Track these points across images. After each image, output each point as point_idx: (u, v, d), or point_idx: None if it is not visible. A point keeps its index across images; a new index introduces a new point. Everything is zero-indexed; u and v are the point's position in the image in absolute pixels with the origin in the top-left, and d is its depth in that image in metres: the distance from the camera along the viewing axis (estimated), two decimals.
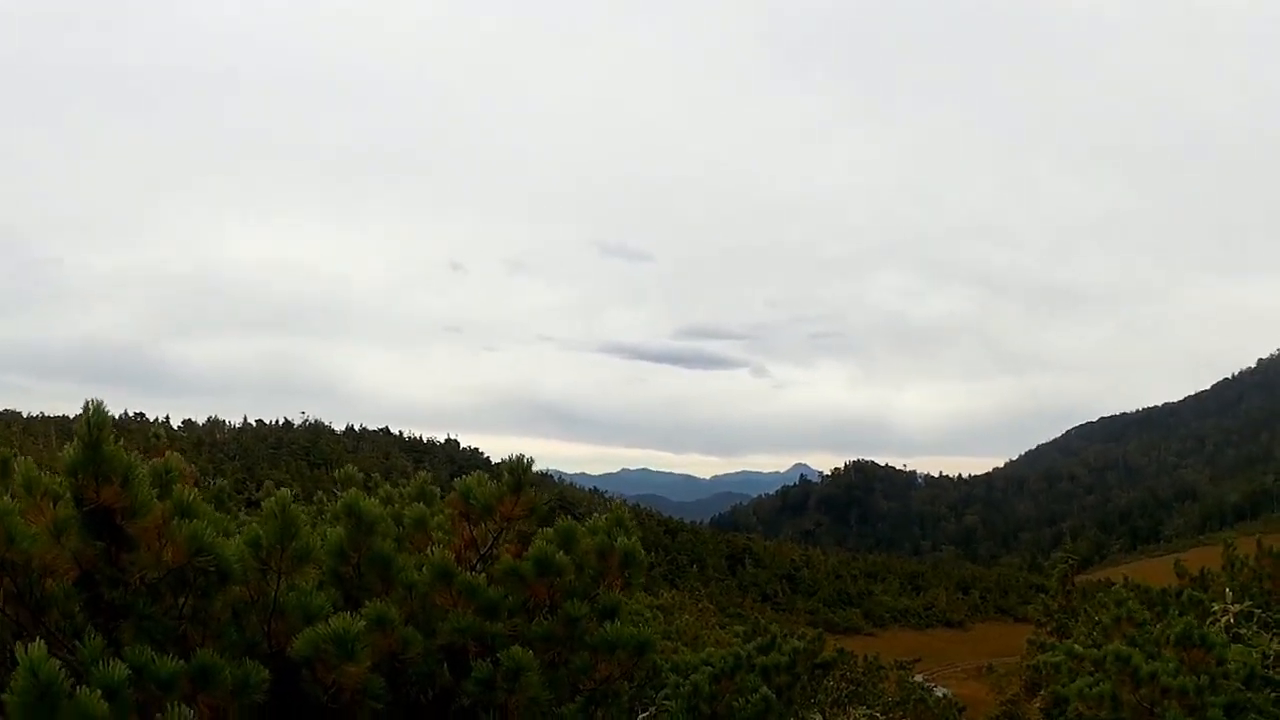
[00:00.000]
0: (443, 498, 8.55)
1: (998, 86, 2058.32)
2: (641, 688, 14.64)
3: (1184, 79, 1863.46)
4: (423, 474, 8.66)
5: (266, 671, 5.87)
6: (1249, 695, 9.76)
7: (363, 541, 7.31)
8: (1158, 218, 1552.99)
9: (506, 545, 7.63)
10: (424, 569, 7.12)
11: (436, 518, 8.11)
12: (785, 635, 16.96)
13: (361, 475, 10.75)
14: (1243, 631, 13.69)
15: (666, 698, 10.05)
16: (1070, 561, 37.16)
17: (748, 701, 8.64)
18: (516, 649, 6.62)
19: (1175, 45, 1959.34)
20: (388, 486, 10.34)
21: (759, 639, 14.79)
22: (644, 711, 10.73)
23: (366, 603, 6.65)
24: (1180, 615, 14.97)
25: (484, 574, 7.29)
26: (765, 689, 9.08)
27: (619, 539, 7.61)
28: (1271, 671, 10.58)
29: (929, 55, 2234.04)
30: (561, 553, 7.27)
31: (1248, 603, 15.10)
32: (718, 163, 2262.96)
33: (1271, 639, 12.55)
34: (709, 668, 9.62)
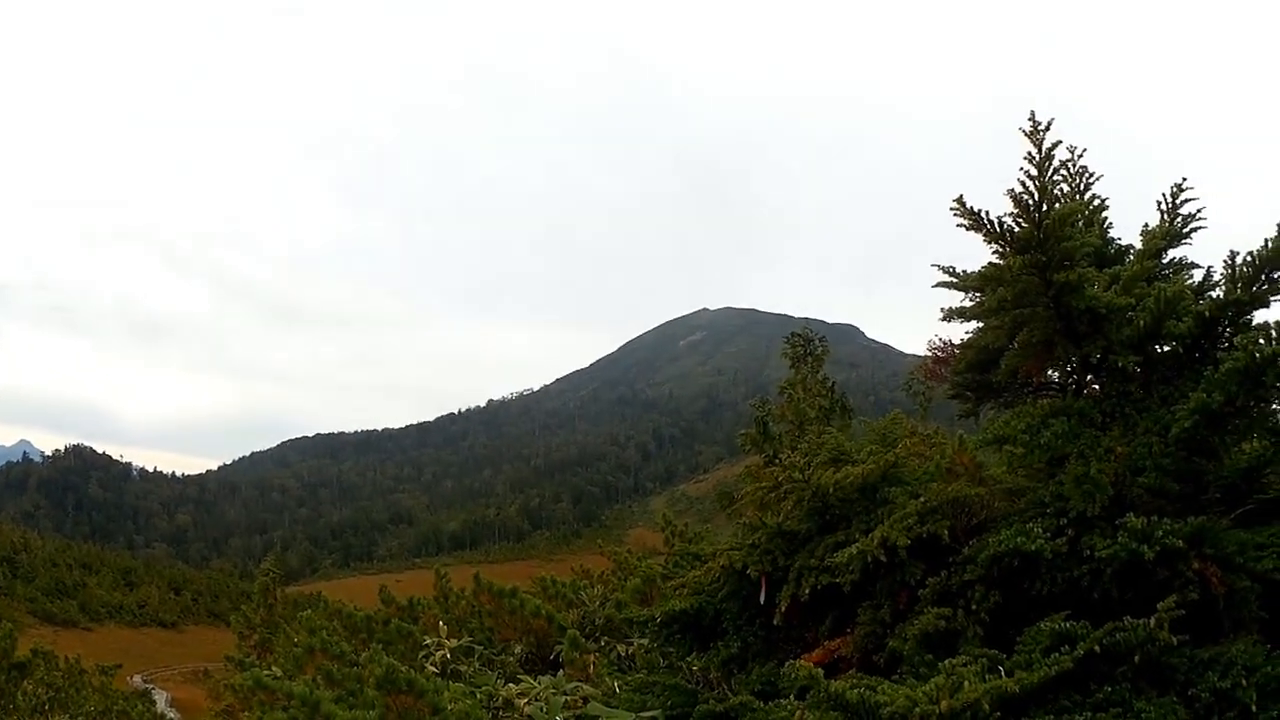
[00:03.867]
0: None
1: (278, 98, 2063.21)
2: None
3: (473, 142, 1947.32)
4: None
5: None
6: None
7: None
8: (407, 257, 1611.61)
9: None
10: None
11: None
12: None
13: None
14: (463, 669, 12.39)
15: None
16: (272, 574, 36.09)
17: None
18: None
19: (490, 111, 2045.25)
20: None
21: None
22: None
23: None
24: (385, 647, 13.54)
25: None
26: None
27: None
28: (499, 718, 9.01)
29: (228, 49, 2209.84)
30: None
31: (466, 638, 13.89)
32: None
33: (498, 679, 11.14)
34: None
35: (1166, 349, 8.50)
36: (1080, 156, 9.50)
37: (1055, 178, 8.60)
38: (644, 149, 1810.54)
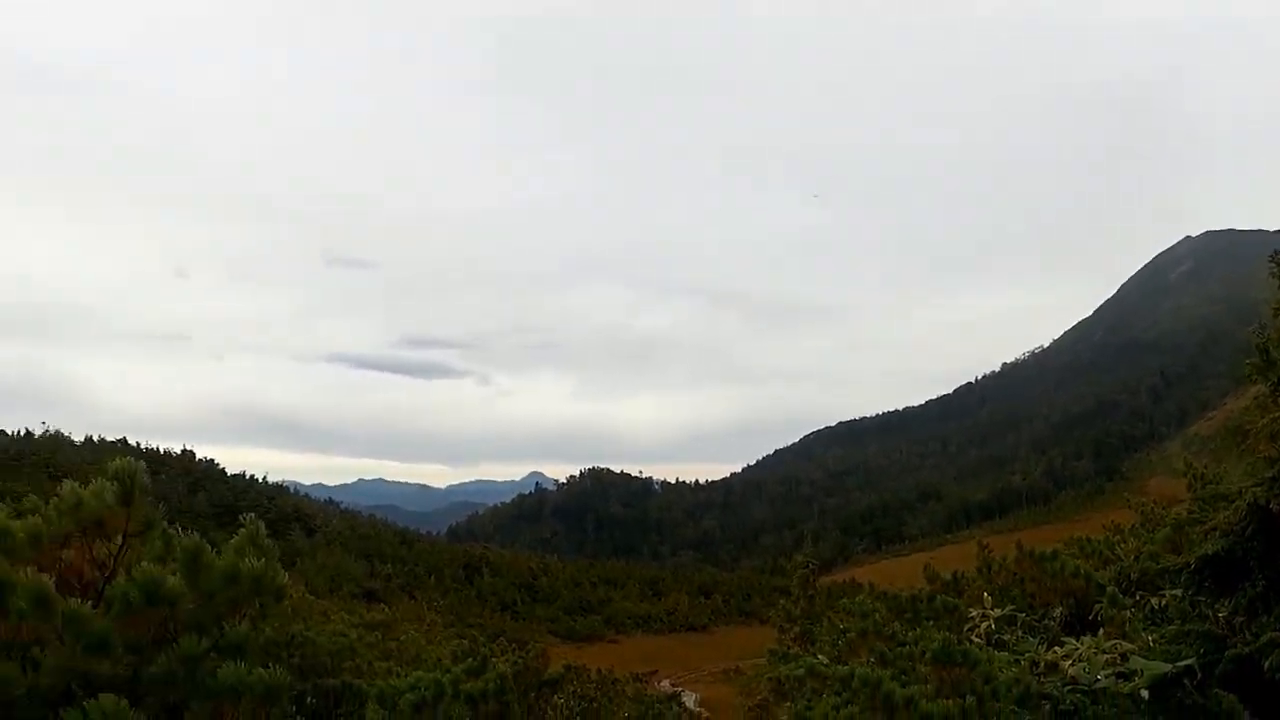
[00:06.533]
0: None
1: (717, 106, 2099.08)
2: (350, 716, 12.97)
3: (915, 108, 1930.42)
4: (68, 484, 6.70)
5: None
6: (1025, 716, 8.59)
7: None
8: (886, 236, 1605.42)
9: (123, 568, 6.16)
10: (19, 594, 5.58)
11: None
12: (499, 657, 15.38)
13: None
14: (1006, 638, 12.79)
15: None
16: (811, 565, 36.46)
17: None
18: (107, 698, 5.15)
19: (901, 80, 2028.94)
20: (34, 498, 8.53)
21: (469, 661, 13.29)
22: None
23: None
24: (933, 623, 13.94)
25: (93, 603, 5.82)
26: None
27: (247, 561, 6.07)
28: (1043, 682, 9.44)
29: (636, 75, 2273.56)
30: (176, 578, 5.73)
31: (1009, 606, 14.24)
32: (437, 173, 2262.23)
33: (1040, 645, 11.52)
34: (413, 694, 7.95)
35: None
36: None
37: None
38: (1071, 89, 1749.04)
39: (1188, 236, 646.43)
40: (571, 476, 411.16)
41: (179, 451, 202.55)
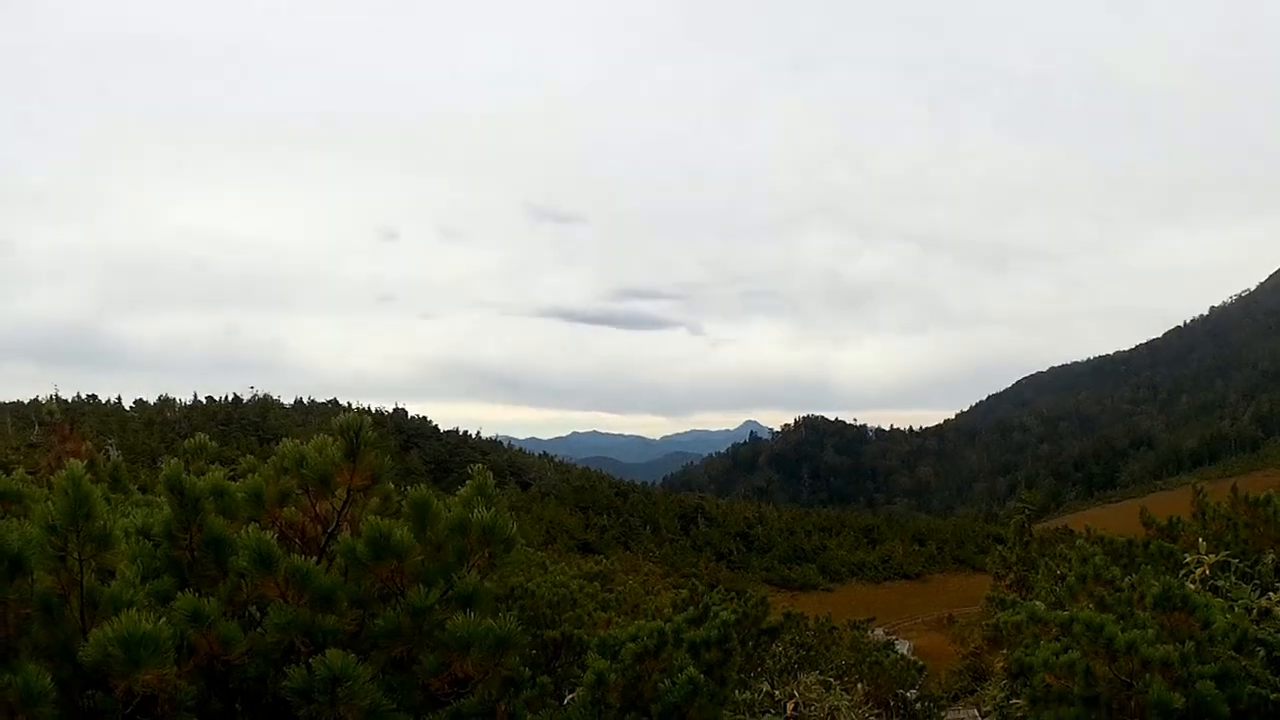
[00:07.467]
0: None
1: (922, 47, 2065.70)
2: (569, 666, 13.22)
3: (1121, 42, 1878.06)
4: (287, 442, 6.94)
5: (49, 679, 5.03)
6: (1242, 662, 8.51)
7: (192, 521, 6.25)
8: (1094, 175, 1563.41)
9: (347, 523, 6.38)
10: (240, 553, 5.82)
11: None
12: (720, 605, 15.56)
13: (216, 446, 9.27)
14: (1220, 584, 12.62)
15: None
16: (1027, 511, 36.11)
17: (673, 683, 7.16)
18: (334, 653, 5.31)
19: (1106, 8, 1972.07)
20: (252, 458, 8.92)
21: (690, 610, 13.45)
22: (570, 693, 9.36)
23: (179, 595, 5.62)
24: (1149, 568, 13.79)
25: (316, 558, 6.06)
26: (693, 669, 7.65)
27: (476, 511, 6.25)
28: (1259, 628, 9.32)
29: (852, 17, 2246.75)
30: (404, 530, 5.93)
31: (1224, 552, 14.01)
32: (641, 125, 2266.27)
33: (1253, 591, 11.35)
34: (635, 644, 8.10)
35: None
36: None
37: None
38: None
39: None
40: (786, 425, 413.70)
41: (390, 410, 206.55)
